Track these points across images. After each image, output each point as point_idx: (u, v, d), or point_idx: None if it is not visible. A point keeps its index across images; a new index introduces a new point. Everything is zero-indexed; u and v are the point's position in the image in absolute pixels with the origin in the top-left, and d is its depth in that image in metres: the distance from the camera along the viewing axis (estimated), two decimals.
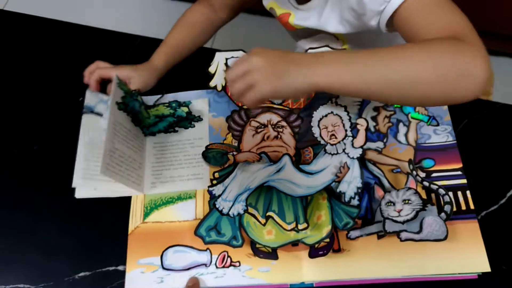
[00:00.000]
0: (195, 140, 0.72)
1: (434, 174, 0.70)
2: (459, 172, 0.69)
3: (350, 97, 0.65)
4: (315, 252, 0.64)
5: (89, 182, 0.65)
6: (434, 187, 0.67)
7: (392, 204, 0.64)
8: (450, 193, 0.66)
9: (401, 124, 0.75)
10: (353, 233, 0.66)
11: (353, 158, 0.65)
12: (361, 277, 0.64)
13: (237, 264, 0.64)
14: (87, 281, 0.67)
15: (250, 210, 0.62)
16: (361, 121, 0.66)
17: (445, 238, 0.63)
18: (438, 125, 0.74)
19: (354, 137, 0.66)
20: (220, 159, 0.64)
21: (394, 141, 0.73)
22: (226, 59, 0.67)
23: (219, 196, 0.62)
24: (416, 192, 0.64)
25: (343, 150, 0.65)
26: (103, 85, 0.76)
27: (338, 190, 0.64)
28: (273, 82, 0.48)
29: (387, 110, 0.76)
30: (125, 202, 0.70)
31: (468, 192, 0.67)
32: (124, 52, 0.88)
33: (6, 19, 0.95)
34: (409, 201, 0.64)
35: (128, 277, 0.65)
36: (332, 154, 0.65)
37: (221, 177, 0.63)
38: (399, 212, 0.63)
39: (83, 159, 0.66)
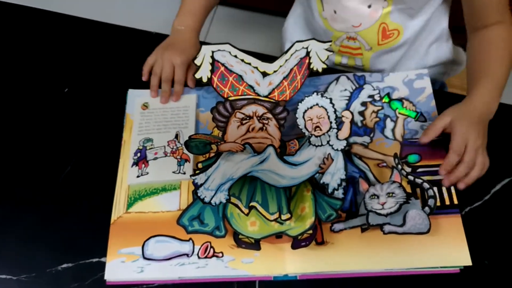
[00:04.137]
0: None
1: (420, 169, 0.70)
2: None
3: None
4: (297, 243, 0.63)
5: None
6: (419, 181, 0.67)
7: (376, 197, 0.64)
8: (435, 188, 0.66)
9: (388, 119, 0.75)
10: (337, 226, 0.65)
11: (337, 150, 0.65)
12: (345, 269, 0.63)
13: (220, 254, 0.64)
14: (70, 272, 0.66)
15: (233, 200, 0.62)
16: (346, 114, 0.66)
17: (428, 231, 0.63)
18: (425, 121, 0.75)
19: (339, 129, 0.66)
20: (203, 149, 0.64)
21: (381, 136, 0.73)
22: (212, 52, 0.67)
23: (201, 185, 0.62)
24: (400, 186, 0.64)
25: (328, 142, 0.65)
26: None
27: (321, 182, 0.64)
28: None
29: (375, 105, 0.76)
30: (109, 194, 0.70)
31: (452, 188, 0.67)
32: (109, 44, 0.88)
33: None
34: (393, 194, 0.63)
35: (108, 267, 0.64)
36: (316, 146, 0.65)
37: (204, 168, 0.63)
38: (382, 205, 0.63)
39: None
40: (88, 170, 0.74)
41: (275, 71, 0.69)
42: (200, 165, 0.64)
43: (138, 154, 0.72)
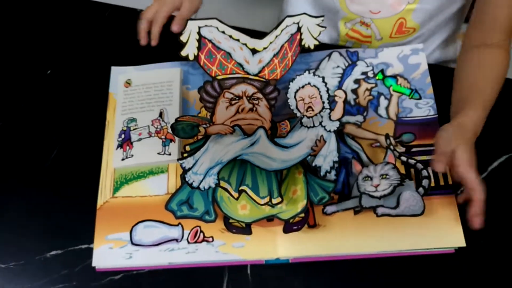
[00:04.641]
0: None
1: (414, 149, 0.68)
2: None
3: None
4: (289, 227, 0.62)
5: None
6: (412, 161, 0.65)
7: (369, 178, 0.62)
8: (429, 168, 0.64)
9: (382, 97, 0.73)
10: (329, 209, 0.64)
11: (329, 131, 0.63)
12: (337, 252, 0.63)
13: (210, 239, 0.63)
14: (59, 259, 0.65)
15: (223, 184, 0.60)
16: (339, 93, 0.64)
17: (422, 213, 0.62)
18: (420, 98, 0.72)
19: (331, 109, 0.64)
20: (190, 132, 0.61)
21: (375, 115, 0.71)
22: (199, 27, 0.64)
23: (189, 169, 0.60)
24: (394, 167, 0.62)
25: (320, 123, 0.63)
26: None
27: (313, 164, 0.62)
28: None
29: (368, 83, 0.74)
30: (97, 178, 0.68)
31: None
32: (93, 23, 0.84)
33: None
34: (387, 176, 0.62)
35: (96, 254, 0.63)
36: (308, 127, 0.63)
37: (192, 151, 0.61)
38: (376, 187, 0.62)
39: None
40: (75, 154, 0.72)
41: (265, 48, 0.66)
42: (187, 148, 0.62)
43: (122, 136, 0.70)
